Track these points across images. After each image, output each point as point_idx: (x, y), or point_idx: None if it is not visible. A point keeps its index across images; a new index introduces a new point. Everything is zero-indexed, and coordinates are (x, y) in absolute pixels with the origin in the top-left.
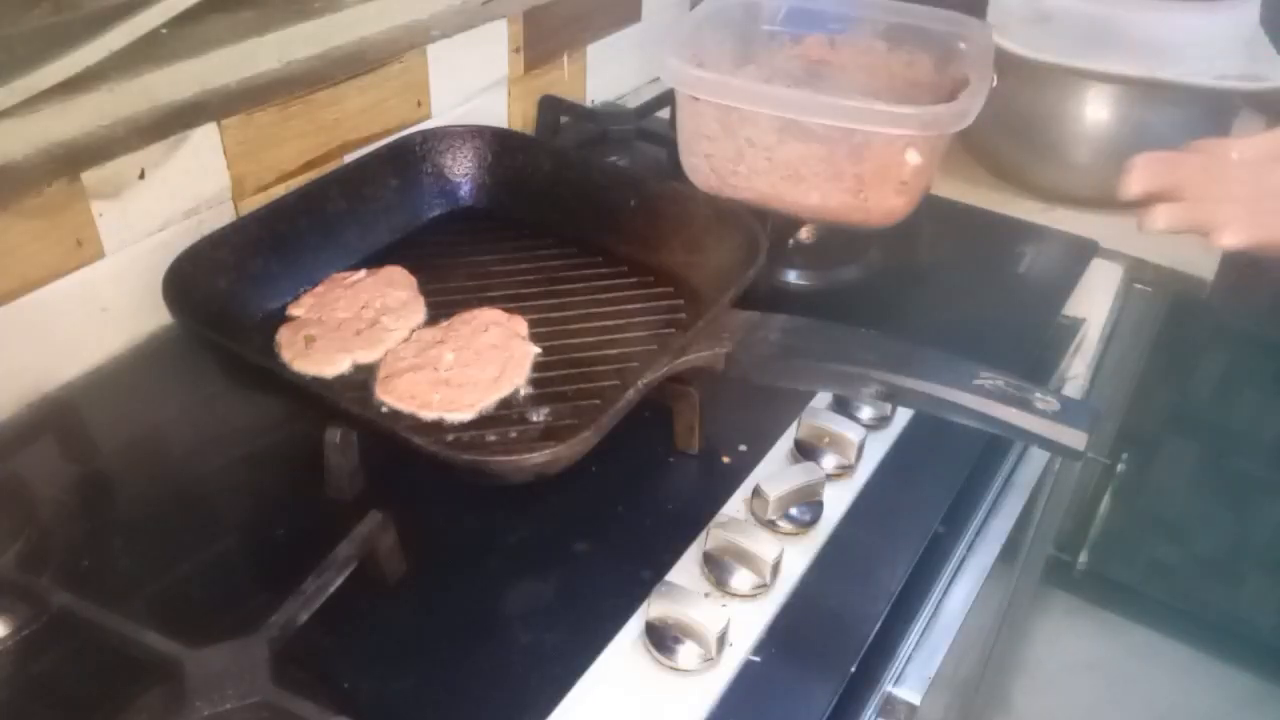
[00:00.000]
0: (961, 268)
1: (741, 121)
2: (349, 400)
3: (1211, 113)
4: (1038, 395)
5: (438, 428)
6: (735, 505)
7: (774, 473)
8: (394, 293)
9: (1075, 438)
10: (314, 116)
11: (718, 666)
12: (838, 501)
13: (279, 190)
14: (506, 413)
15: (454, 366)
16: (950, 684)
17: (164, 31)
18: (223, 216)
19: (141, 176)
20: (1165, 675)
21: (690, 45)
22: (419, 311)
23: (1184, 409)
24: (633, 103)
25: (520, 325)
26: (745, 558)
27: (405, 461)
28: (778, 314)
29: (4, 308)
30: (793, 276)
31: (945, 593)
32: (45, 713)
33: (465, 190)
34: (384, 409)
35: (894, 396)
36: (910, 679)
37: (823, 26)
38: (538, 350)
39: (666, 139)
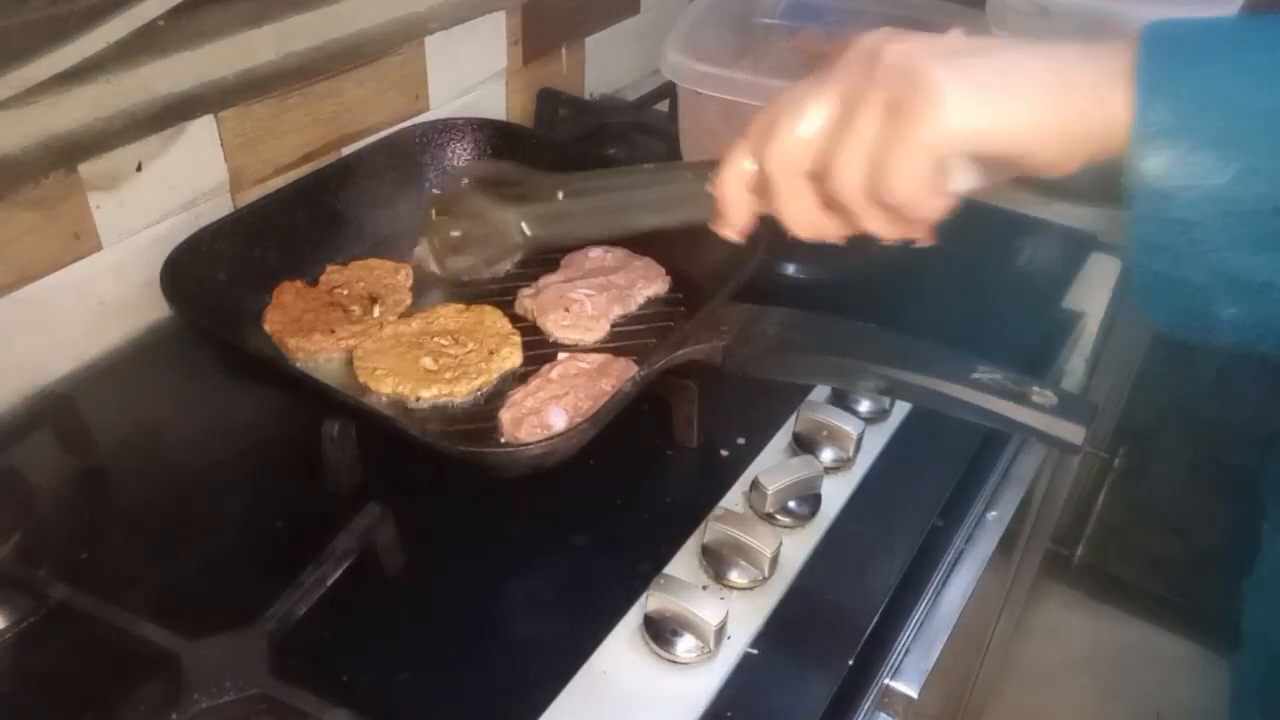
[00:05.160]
0: (960, 261)
1: (745, 116)
2: (346, 391)
3: None
4: (1036, 389)
5: (434, 418)
6: (733, 498)
7: (772, 466)
8: (389, 282)
9: (1073, 432)
10: (312, 109)
11: (716, 659)
12: (836, 495)
13: (277, 183)
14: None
15: (451, 356)
16: (947, 677)
17: (161, 23)
18: (220, 209)
19: (139, 169)
20: (1162, 669)
21: (688, 39)
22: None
23: (1182, 403)
24: (631, 95)
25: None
26: (743, 551)
27: (404, 453)
28: (776, 307)
29: (1, 300)
30: (791, 270)
31: (943, 586)
32: (44, 705)
33: (464, 183)
34: (381, 400)
35: (892, 390)
36: (908, 672)
37: (820, 19)
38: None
39: (665, 132)
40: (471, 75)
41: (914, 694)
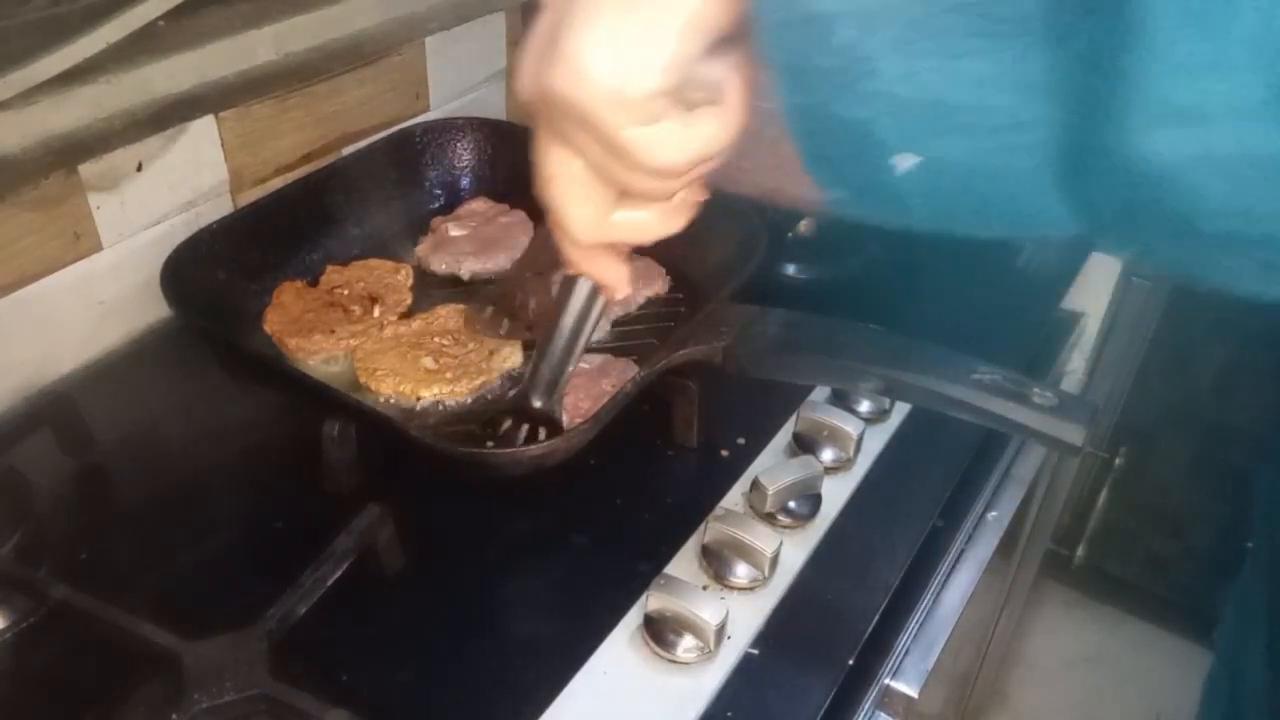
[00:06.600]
0: (960, 261)
1: None
2: (346, 391)
3: None
4: (1036, 390)
5: (435, 418)
6: (734, 498)
7: (772, 466)
8: (390, 282)
9: (1073, 433)
10: (312, 109)
11: (716, 659)
12: (836, 495)
13: (277, 183)
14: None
15: (451, 355)
16: (948, 677)
17: (161, 24)
18: (220, 209)
19: (139, 169)
20: (1162, 669)
21: None
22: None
23: (1182, 402)
24: None
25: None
26: (744, 551)
27: (404, 453)
28: (776, 307)
29: (1, 300)
30: (791, 270)
31: (943, 586)
32: (44, 705)
33: (465, 183)
34: (381, 400)
35: (892, 391)
36: (908, 672)
37: None
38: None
39: None
40: (471, 75)
41: (914, 694)
